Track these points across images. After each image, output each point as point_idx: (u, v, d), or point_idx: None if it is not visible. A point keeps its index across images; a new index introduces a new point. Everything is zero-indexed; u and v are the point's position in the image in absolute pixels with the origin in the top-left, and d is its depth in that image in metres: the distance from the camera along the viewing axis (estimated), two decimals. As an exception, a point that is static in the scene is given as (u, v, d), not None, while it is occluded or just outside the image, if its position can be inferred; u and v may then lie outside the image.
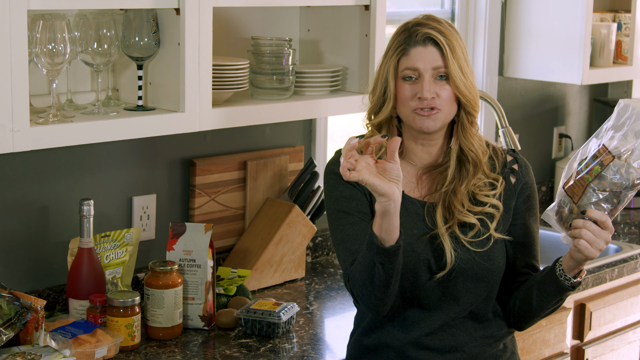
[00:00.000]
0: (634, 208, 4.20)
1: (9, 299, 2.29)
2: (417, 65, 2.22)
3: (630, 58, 4.06)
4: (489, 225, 2.26)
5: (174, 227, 2.70)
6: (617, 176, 2.12)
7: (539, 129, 4.23)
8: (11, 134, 2.26)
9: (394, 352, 2.30)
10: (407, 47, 2.24)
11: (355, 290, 2.20)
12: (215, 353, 2.55)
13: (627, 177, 2.12)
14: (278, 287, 3.07)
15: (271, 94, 2.88)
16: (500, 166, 2.33)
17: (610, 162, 2.12)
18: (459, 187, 2.27)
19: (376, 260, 2.12)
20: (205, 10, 2.57)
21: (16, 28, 2.23)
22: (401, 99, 2.25)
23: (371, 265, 2.13)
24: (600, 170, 2.12)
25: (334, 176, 2.30)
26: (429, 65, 2.22)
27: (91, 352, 2.40)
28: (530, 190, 2.35)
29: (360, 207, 2.26)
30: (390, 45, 2.28)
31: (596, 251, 2.15)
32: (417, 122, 2.24)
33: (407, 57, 2.24)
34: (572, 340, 3.28)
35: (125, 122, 2.49)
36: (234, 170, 3.10)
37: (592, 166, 2.13)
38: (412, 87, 2.24)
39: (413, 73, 2.23)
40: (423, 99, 2.22)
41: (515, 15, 3.93)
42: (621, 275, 3.38)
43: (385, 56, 2.28)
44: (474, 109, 2.28)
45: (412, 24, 2.27)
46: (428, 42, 2.23)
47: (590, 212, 2.13)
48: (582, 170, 2.15)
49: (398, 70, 2.25)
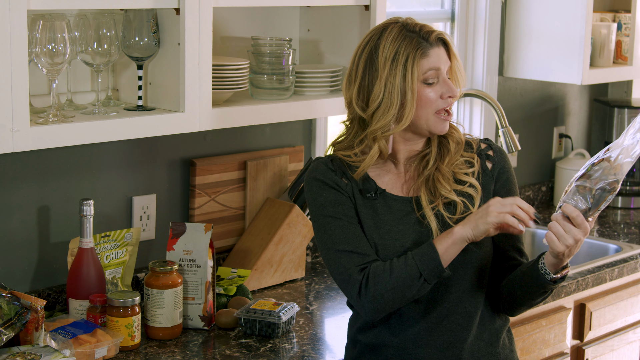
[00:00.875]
0: (633, 208, 4.20)
1: (9, 299, 2.29)
2: (439, 65, 2.24)
3: (630, 58, 4.06)
4: (470, 207, 2.28)
5: (174, 227, 2.70)
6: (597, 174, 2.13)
7: (539, 129, 4.23)
8: (11, 134, 2.26)
9: (393, 349, 2.30)
10: (427, 49, 2.23)
11: (376, 289, 2.19)
12: (215, 353, 2.55)
13: (606, 178, 2.12)
14: (278, 287, 3.07)
15: (271, 94, 2.88)
16: (476, 150, 2.37)
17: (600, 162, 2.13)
18: (441, 165, 2.30)
19: (424, 275, 2.18)
20: (205, 10, 2.57)
21: (16, 28, 2.23)
22: (425, 102, 2.24)
23: (416, 276, 2.18)
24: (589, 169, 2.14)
25: (316, 183, 2.30)
26: (446, 66, 2.26)
27: (91, 352, 2.40)
28: (507, 174, 2.38)
29: (347, 210, 2.28)
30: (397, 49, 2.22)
31: (562, 246, 2.13)
32: (438, 126, 2.27)
33: (429, 59, 2.23)
34: (572, 340, 3.28)
35: (125, 122, 2.49)
36: (234, 170, 3.10)
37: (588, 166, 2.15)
38: (435, 89, 2.25)
39: (437, 74, 2.25)
40: (453, 97, 2.26)
41: (515, 15, 3.93)
42: (621, 275, 3.38)
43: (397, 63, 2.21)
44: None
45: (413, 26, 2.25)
46: (440, 43, 2.26)
47: (565, 207, 2.14)
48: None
49: (419, 74, 2.23)
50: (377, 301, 2.20)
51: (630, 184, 4.26)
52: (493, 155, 2.37)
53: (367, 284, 2.20)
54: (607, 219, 4.03)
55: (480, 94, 3.39)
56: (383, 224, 2.28)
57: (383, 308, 2.21)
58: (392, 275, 2.18)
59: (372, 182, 2.31)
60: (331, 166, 2.30)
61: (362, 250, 2.23)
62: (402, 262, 2.19)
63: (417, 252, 2.20)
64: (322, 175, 2.29)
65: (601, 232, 3.82)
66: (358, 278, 2.21)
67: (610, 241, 3.67)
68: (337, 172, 2.30)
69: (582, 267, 3.32)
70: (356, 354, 2.37)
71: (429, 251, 2.18)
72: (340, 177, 2.29)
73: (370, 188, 2.30)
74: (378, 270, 2.19)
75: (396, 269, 2.19)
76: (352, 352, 2.39)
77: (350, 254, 2.22)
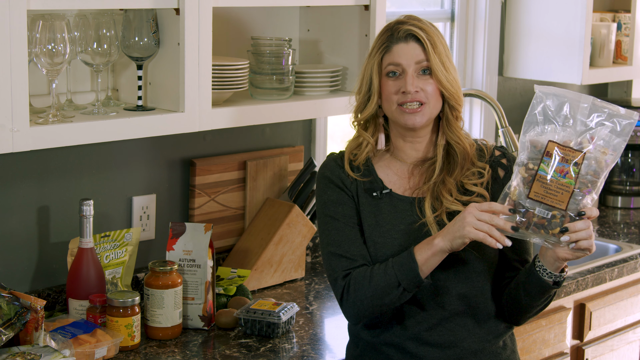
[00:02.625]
0: (633, 208, 4.20)
1: (9, 299, 2.29)
2: (399, 60, 2.28)
3: (630, 58, 4.06)
4: None
5: (173, 227, 2.70)
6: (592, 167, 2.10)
7: (538, 129, 4.22)
8: (11, 134, 2.26)
9: (394, 348, 2.31)
10: (390, 45, 2.30)
11: (356, 295, 2.25)
12: (215, 353, 2.55)
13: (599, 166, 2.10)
14: (278, 287, 3.07)
15: (271, 94, 2.88)
16: (488, 158, 2.36)
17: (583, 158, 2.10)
18: (447, 177, 2.31)
19: (403, 284, 2.20)
20: (205, 10, 2.57)
21: (16, 28, 2.23)
22: (385, 95, 2.31)
23: (394, 285, 2.21)
24: (578, 170, 2.10)
25: (323, 180, 2.37)
26: (411, 61, 2.28)
27: (91, 352, 2.40)
28: None
29: (346, 211, 2.32)
30: (374, 44, 2.33)
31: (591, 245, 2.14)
32: (403, 119, 2.30)
33: (390, 54, 2.29)
34: (572, 340, 3.28)
35: (125, 122, 2.50)
36: (233, 170, 3.10)
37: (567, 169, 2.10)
38: (396, 83, 2.29)
39: (396, 68, 2.29)
40: (407, 92, 2.27)
41: (515, 15, 3.93)
42: (621, 275, 3.38)
43: (370, 55, 2.33)
44: (458, 103, 2.34)
45: (394, 23, 2.33)
46: (410, 39, 2.29)
47: (589, 212, 2.11)
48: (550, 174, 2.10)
49: (382, 67, 2.31)
50: (357, 307, 2.25)
51: (630, 184, 4.26)
52: (507, 164, 2.37)
53: (348, 290, 2.26)
54: (607, 219, 4.03)
55: (480, 94, 3.39)
56: (385, 223, 2.30)
57: (363, 314, 2.27)
58: (371, 283, 2.23)
59: (379, 182, 2.34)
60: (340, 162, 2.37)
61: (352, 254, 2.28)
62: (382, 270, 2.23)
63: (396, 261, 2.22)
64: (330, 172, 2.36)
65: (601, 232, 3.82)
66: (342, 284, 2.27)
67: (610, 241, 3.67)
68: (345, 167, 2.35)
69: (582, 267, 3.32)
70: (358, 353, 2.38)
71: (408, 261, 2.20)
72: (347, 175, 2.34)
73: (377, 187, 2.33)
74: (359, 277, 2.25)
75: (375, 277, 2.23)
76: (353, 351, 2.40)
77: (339, 258, 2.28)
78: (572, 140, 2.11)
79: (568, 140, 2.12)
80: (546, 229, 2.11)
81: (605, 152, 2.12)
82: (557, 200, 2.09)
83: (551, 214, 2.10)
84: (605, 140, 2.13)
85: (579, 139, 2.12)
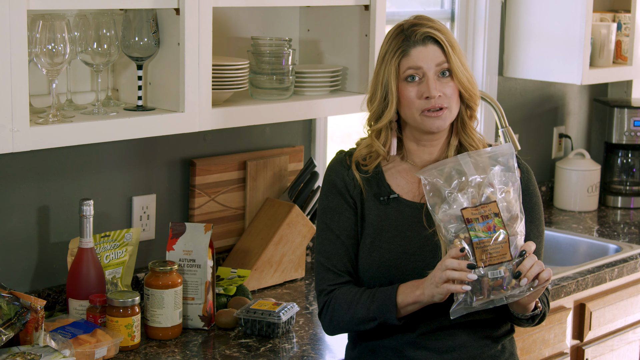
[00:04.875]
0: (633, 208, 4.20)
1: (9, 299, 2.29)
2: (420, 64, 2.23)
3: (630, 58, 4.06)
4: None
5: (173, 227, 2.70)
6: (507, 209, 2.14)
7: (538, 129, 4.23)
8: (11, 134, 2.26)
9: (392, 351, 2.30)
10: (407, 48, 2.24)
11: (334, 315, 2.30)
12: (215, 353, 2.55)
13: (510, 204, 2.15)
14: (278, 287, 3.07)
15: (271, 94, 2.88)
16: None
17: (497, 205, 2.12)
18: None
19: (379, 320, 2.23)
20: (205, 10, 2.57)
21: (16, 28, 2.23)
22: (406, 101, 2.25)
23: (370, 319, 2.24)
24: (501, 219, 2.12)
25: (327, 184, 2.36)
26: (432, 63, 2.23)
27: (91, 352, 2.40)
28: (529, 196, 2.33)
29: (343, 222, 2.31)
30: (387, 48, 2.27)
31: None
32: (426, 124, 2.25)
33: (409, 58, 2.23)
34: (572, 340, 3.28)
35: (125, 122, 2.49)
36: (233, 170, 3.10)
37: (493, 223, 2.11)
38: (417, 88, 2.24)
39: (416, 72, 2.23)
40: (431, 97, 2.22)
41: (515, 15, 3.93)
42: (621, 275, 3.38)
43: (383, 60, 2.27)
44: (475, 103, 2.30)
45: (408, 25, 2.26)
46: (428, 41, 2.24)
47: (527, 248, 2.12)
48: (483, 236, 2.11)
49: (399, 72, 2.25)
50: (332, 326, 2.32)
51: (630, 184, 4.26)
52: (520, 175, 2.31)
53: (328, 308, 2.30)
54: (607, 219, 4.03)
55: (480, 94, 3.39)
56: (391, 228, 2.28)
57: (337, 332, 2.34)
58: (349, 310, 2.27)
59: (387, 187, 2.31)
60: (346, 163, 2.34)
61: (339, 269, 2.30)
62: (363, 301, 2.25)
63: (378, 298, 2.23)
64: (335, 175, 2.34)
65: (601, 232, 3.82)
66: (324, 299, 2.31)
67: (610, 241, 3.66)
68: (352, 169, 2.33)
69: (582, 267, 3.32)
70: (356, 355, 2.38)
71: (389, 302, 2.21)
72: (351, 177, 2.32)
73: (384, 192, 2.31)
74: (340, 299, 2.28)
75: (355, 305, 2.26)
76: (351, 353, 2.40)
77: (327, 271, 2.31)
78: (478, 198, 2.14)
79: (474, 199, 2.14)
80: (504, 287, 2.11)
81: (508, 190, 2.16)
82: (501, 255, 2.11)
83: (502, 270, 2.10)
84: (501, 180, 2.17)
85: (481, 192, 2.14)
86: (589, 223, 3.96)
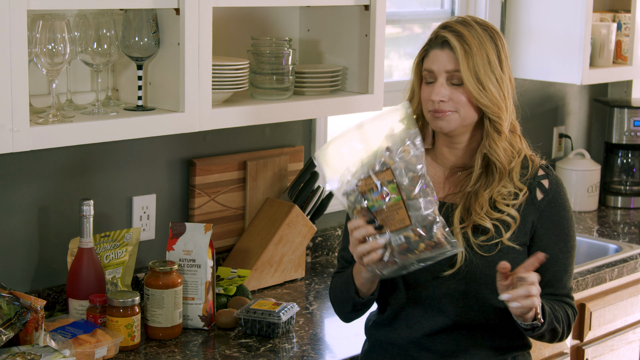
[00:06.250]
0: (633, 208, 4.20)
1: (9, 299, 2.29)
2: (432, 67, 2.25)
3: (630, 58, 4.06)
4: (503, 233, 2.24)
5: (173, 227, 2.70)
6: (407, 168, 2.10)
7: (539, 129, 4.23)
8: (11, 134, 2.26)
9: (398, 349, 2.33)
10: (429, 49, 2.27)
11: (331, 300, 2.42)
12: (215, 353, 2.55)
13: (411, 163, 2.11)
14: (278, 287, 3.07)
15: (271, 94, 2.88)
16: (529, 177, 2.30)
17: (391, 172, 2.10)
18: (482, 191, 2.25)
19: (351, 303, 2.31)
20: (205, 10, 2.57)
21: (16, 28, 2.23)
22: (422, 99, 2.30)
23: (346, 301, 2.32)
24: (395, 185, 2.09)
25: None
26: (442, 68, 2.23)
27: (91, 352, 2.40)
28: (557, 209, 2.28)
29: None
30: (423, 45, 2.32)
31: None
32: (432, 124, 2.29)
33: (427, 59, 2.27)
34: (572, 340, 3.28)
35: (125, 122, 2.50)
36: (233, 170, 3.10)
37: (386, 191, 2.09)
38: (429, 89, 2.26)
39: (430, 75, 2.26)
40: (432, 101, 2.24)
41: (515, 15, 3.93)
42: (621, 275, 3.38)
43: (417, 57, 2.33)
44: (497, 116, 2.24)
45: (442, 25, 2.28)
46: (445, 46, 2.23)
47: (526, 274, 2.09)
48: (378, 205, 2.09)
49: (420, 71, 2.29)
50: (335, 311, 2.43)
51: (630, 184, 4.26)
52: (547, 186, 2.29)
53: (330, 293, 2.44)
54: (607, 219, 4.03)
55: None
56: None
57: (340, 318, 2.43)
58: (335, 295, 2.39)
59: None
60: None
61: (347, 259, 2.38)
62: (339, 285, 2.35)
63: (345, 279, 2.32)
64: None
65: (601, 232, 3.82)
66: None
67: (610, 241, 3.67)
68: None
69: (582, 267, 3.32)
70: (367, 348, 2.43)
71: (350, 286, 2.28)
72: None
73: None
74: (332, 286, 2.42)
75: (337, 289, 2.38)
76: (365, 346, 2.46)
77: (340, 260, 2.44)
78: (375, 167, 2.11)
79: (371, 169, 2.12)
80: (411, 251, 2.09)
81: (406, 149, 2.12)
82: (399, 221, 2.09)
83: (404, 236, 2.09)
84: (398, 142, 2.13)
85: (380, 161, 2.11)
86: (589, 223, 3.96)
